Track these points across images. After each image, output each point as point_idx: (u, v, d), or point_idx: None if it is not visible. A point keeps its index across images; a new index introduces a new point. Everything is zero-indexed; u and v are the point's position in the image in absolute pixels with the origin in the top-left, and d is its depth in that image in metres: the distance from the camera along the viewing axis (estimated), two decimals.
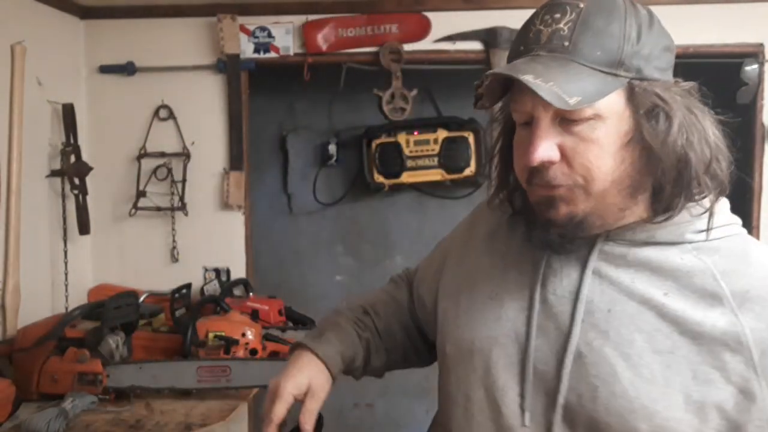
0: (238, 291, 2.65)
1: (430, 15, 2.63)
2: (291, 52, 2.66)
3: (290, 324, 2.53)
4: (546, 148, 0.79)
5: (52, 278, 2.47)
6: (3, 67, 2.19)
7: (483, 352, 0.89)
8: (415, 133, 3.02)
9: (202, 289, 2.69)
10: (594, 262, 0.84)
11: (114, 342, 2.03)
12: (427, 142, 3.01)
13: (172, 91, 2.71)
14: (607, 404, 0.79)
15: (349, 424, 3.35)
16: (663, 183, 0.81)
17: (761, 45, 2.55)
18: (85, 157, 2.54)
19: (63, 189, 2.49)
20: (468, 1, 2.59)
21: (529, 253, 0.89)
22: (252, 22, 2.66)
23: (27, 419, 1.75)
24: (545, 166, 0.80)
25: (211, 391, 1.98)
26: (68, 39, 2.64)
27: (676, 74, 0.86)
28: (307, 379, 0.97)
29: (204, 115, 2.71)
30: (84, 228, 2.53)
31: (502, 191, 0.93)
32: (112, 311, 2.06)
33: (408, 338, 1.12)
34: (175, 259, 2.74)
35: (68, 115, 2.47)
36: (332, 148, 3.25)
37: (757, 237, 2.60)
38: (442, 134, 3.01)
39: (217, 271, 2.74)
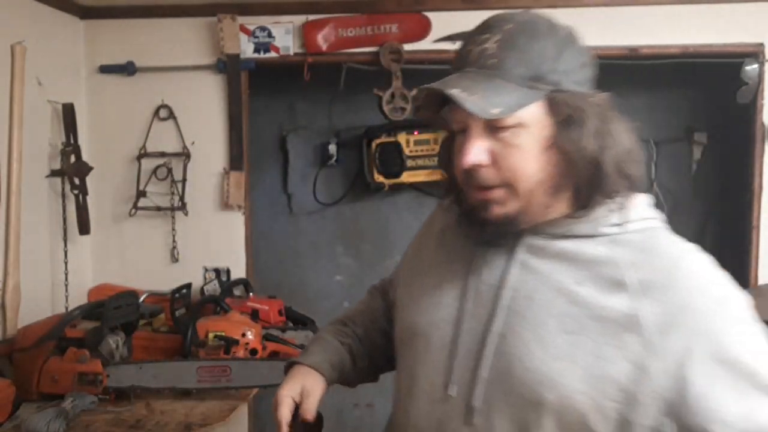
0: (238, 291, 2.65)
1: (430, 15, 2.63)
2: (291, 52, 2.66)
3: (290, 324, 2.53)
4: (476, 153, 0.91)
5: (52, 278, 2.47)
6: (3, 67, 2.20)
7: (424, 335, 1.00)
8: (415, 132, 3.02)
9: (202, 289, 2.69)
10: (520, 254, 0.95)
11: (114, 342, 2.03)
12: (427, 141, 3.01)
13: (172, 91, 2.71)
14: (521, 378, 0.90)
15: (349, 424, 3.35)
16: (580, 183, 0.92)
17: (761, 45, 2.55)
18: (85, 157, 2.54)
19: (63, 189, 2.49)
20: (468, 1, 2.60)
21: (470, 247, 1.00)
22: (252, 22, 2.66)
23: (27, 419, 1.75)
24: (476, 168, 0.91)
25: (211, 391, 1.98)
26: (68, 39, 2.64)
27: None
28: (300, 383, 1.09)
29: (204, 115, 2.71)
30: (84, 228, 2.53)
31: (452, 193, 1.04)
32: (112, 311, 2.06)
33: (388, 341, 1.19)
34: (175, 259, 2.74)
35: (68, 115, 2.47)
36: (332, 148, 3.25)
37: (757, 237, 2.60)
38: (442, 134, 3.01)
39: (217, 271, 2.74)
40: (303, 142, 3.34)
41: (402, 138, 3.01)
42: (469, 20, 1.03)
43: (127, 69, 2.69)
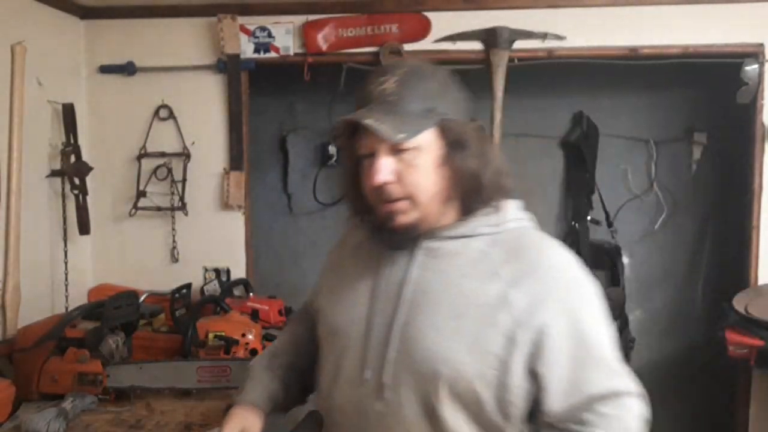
0: (238, 291, 2.65)
1: (430, 15, 2.63)
2: (291, 52, 2.66)
3: None
4: (385, 173, 1.10)
5: (52, 278, 2.47)
6: (3, 67, 2.20)
7: (343, 331, 1.19)
8: None
9: (202, 289, 2.68)
10: (419, 256, 1.15)
11: (114, 342, 2.03)
12: None
13: (172, 91, 2.71)
14: (420, 357, 1.10)
15: None
16: (465, 194, 1.13)
17: (761, 45, 2.55)
18: (85, 157, 2.54)
19: (63, 189, 2.49)
20: (468, 1, 2.59)
21: (380, 254, 1.19)
22: (252, 22, 2.66)
23: (27, 419, 1.75)
24: (384, 186, 1.10)
25: (211, 391, 1.98)
26: (68, 39, 2.64)
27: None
28: (239, 424, 1.21)
29: (204, 115, 2.71)
30: (84, 228, 2.53)
31: (360, 212, 1.21)
32: (112, 311, 2.06)
33: (313, 364, 1.31)
34: (175, 259, 2.74)
35: (68, 115, 2.47)
36: (332, 148, 3.25)
37: (757, 237, 2.60)
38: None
39: (217, 271, 2.74)
40: (303, 142, 3.34)
41: None
42: (469, 20, 1.06)
43: (127, 69, 2.69)
